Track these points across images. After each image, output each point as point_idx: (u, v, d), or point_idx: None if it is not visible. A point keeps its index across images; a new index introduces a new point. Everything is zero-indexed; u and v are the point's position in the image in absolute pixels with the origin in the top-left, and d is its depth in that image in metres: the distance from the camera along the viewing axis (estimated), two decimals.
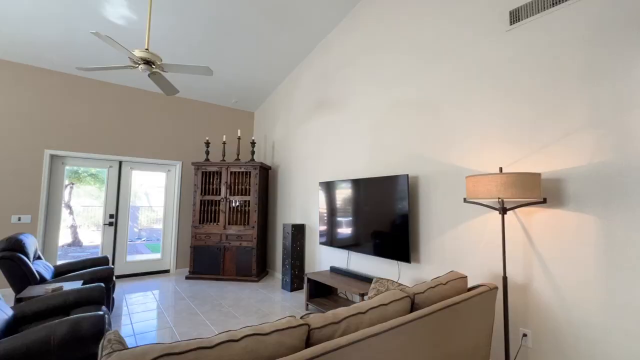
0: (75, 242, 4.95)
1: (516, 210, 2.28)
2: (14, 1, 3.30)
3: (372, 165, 3.55)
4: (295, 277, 4.41)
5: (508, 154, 2.36)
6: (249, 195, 5.08)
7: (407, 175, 2.92)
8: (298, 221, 4.78)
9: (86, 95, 4.77)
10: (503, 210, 2.11)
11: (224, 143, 5.38)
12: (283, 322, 1.24)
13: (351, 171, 3.85)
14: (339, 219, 3.76)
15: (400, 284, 2.44)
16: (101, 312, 1.88)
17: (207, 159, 5.25)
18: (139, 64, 2.70)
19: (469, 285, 2.56)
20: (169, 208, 5.49)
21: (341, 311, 1.44)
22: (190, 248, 5.04)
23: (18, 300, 2.45)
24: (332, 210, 3.88)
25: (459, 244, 2.64)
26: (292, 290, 4.35)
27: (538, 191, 1.99)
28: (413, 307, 1.70)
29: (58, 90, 4.56)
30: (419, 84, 3.07)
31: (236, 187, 5.16)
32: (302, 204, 4.73)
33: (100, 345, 1.37)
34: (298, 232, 4.49)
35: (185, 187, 5.56)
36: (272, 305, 3.83)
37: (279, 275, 5.11)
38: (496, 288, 2.02)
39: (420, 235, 2.96)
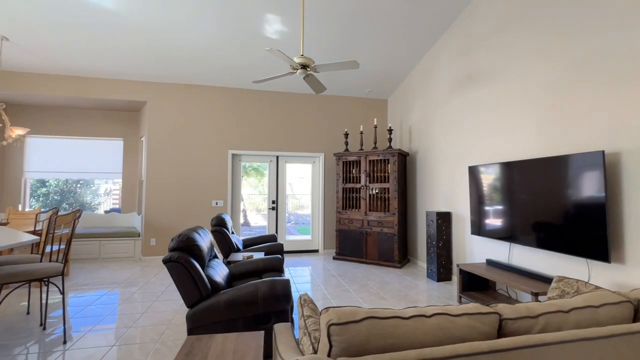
0: (245, 223, 6.20)
1: None
2: (196, 40, 4.33)
3: (539, 144, 2.97)
4: (442, 266, 4.20)
5: None
6: (388, 182, 5.12)
7: (603, 151, 2.29)
8: (442, 208, 4.51)
9: (252, 104, 5.84)
10: None
11: (361, 133, 5.58)
12: (470, 306, 1.20)
13: (508, 152, 3.34)
14: (495, 207, 3.33)
15: (597, 287, 1.97)
16: (287, 278, 2.29)
17: (346, 149, 5.58)
18: (297, 69, 3.09)
19: None
20: (315, 195, 6.15)
21: (534, 306, 1.28)
22: (336, 232, 5.51)
23: (227, 263, 3.27)
24: (486, 197, 3.47)
25: None
26: (438, 280, 4.17)
27: None
28: (637, 317, 1.34)
29: (234, 102, 5.76)
30: (633, 23, 2.34)
31: (375, 174, 5.29)
32: (447, 191, 4.42)
33: (298, 303, 1.66)
34: (443, 220, 4.24)
35: (328, 176, 6.10)
36: (419, 292, 3.78)
37: (422, 263, 4.99)
38: None
39: (624, 229, 2.30)
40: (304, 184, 6.24)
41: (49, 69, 4.94)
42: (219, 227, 3.52)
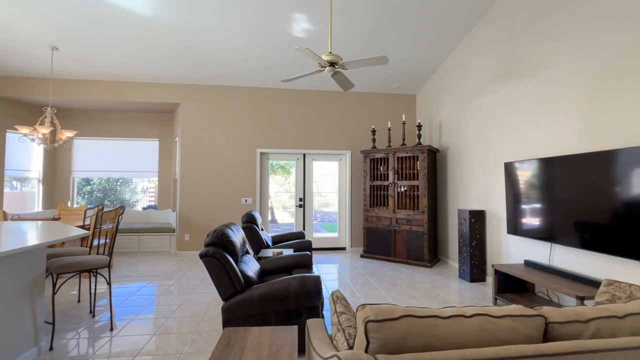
0: (273, 220, 6.31)
1: None
2: (225, 43, 4.44)
3: (583, 138, 2.77)
4: (475, 267, 4.05)
5: None
6: (417, 179, 5.00)
7: None
8: (475, 207, 4.34)
9: (279, 102, 5.92)
10: None
11: (389, 129, 5.49)
12: (512, 308, 1.15)
13: (548, 147, 3.14)
14: (534, 205, 3.16)
15: None
16: (317, 274, 2.31)
17: (374, 146, 5.52)
18: (325, 67, 3.09)
19: None
20: (342, 192, 6.14)
21: (584, 310, 1.20)
22: (363, 229, 5.48)
23: (257, 259, 3.35)
24: (524, 195, 3.30)
25: None
26: (471, 280, 4.03)
27: None
28: None
29: (262, 101, 5.87)
30: None
31: (403, 171, 5.19)
32: (480, 188, 4.25)
33: (330, 299, 1.67)
34: (476, 218, 4.08)
35: (355, 174, 6.06)
36: (450, 293, 3.67)
37: (453, 263, 4.84)
38: None
39: None
40: (329, 182, 6.25)
41: (93, 75, 5.30)
42: (249, 224, 3.62)
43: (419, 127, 5.16)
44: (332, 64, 3.04)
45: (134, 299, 3.39)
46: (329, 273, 4.51)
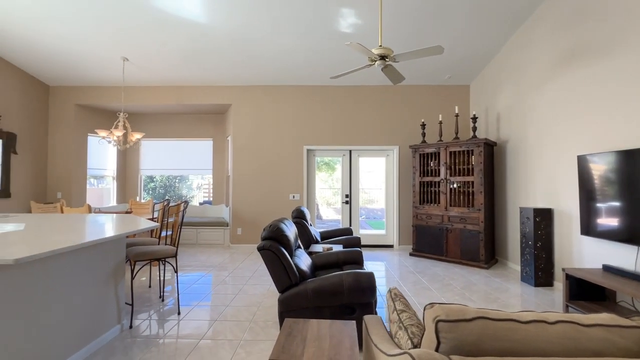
0: (318, 216, 6.37)
1: None
2: (273, 44, 4.54)
3: None
4: (540, 270, 3.71)
5: None
6: (472, 175, 4.71)
7: None
8: (540, 204, 3.97)
9: (325, 99, 5.94)
10: None
11: (440, 122, 5.23)
12: (604, 317, 1.03)
13: (629, 138, 2.75)
14: (614, 203, 2.80)
15: None
16: (371, 271, 2.28)
17: (423, 141, 5.30)
18: (376, 61, 3.02)
19: None
20: (389, 189, 6.01)
21: None
22: (412, 227, 5.31)
23: (308, 254, 3.41)
24: (601, 192, 2.94)
25: None
26: (536, 285, 3.70)
27: None
28: None
29: (308, 99, 5.95)
30: None
31: (456, 167, 4.91)
32: (546, 184, 3.88)
33: (388, 296, 1.64)
34: (542, 217, 3.73)
35: (402, 170, 5.89)
36: (511, 297, 3.41)
37: (513, 265, 4.49)
38: None
39: None
40: (373, 178, 6.15)
41: (156, 81, 5.79)
42: (299, 219, 3.70)
43: (474, 119, 4.84)
44: (382, 57, 2.97)
45: (195, 287, 3.66)
46: (377, 270, 4.45)
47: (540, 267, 3.72)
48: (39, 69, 5.41)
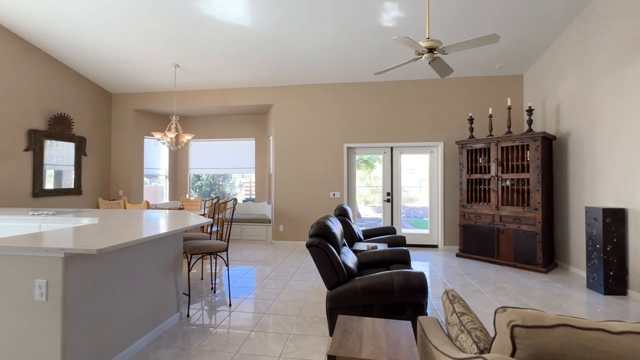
0: (356, 214, 6.31)
1: None
2: (313, 43, 4.54)
3: None
4: (611, 276, 3.34)
5: None
6: (527, 171, 4.37)
7: None
8: (610, 204, 3.57)
9: (366, 96, 5.87)
10: None
11: (490, 116, 4.92)
12: None
13: None
14: None
15: None
16: (421, 271, 2.21)
17: (471, 136, 5.02)
18: (423, 54, 2.91)
19: None
20: (433, 187, 5.78)
21: None
22: (460, 227, 5.06)
23: (353, 252, 3.40)
24: None
25: None
26: (606, 293, 3.34)
27: None
28: None
29: (348, 96, 5.91)
30: None
31: (508, 163, 4.59)
32: (619, 182, 3.47)
33: (445, 297, 1.58)
34: (613, 218, 3.35)
35: (448, 166, 5.63)
36: (577, 305, 3.11)
37: (576, 270, 4.10)
38: None
39: None
40: (412, 176, 5.95)
41: (203, 85, 6.11)
42: (342, 217, 3.70)
43: (530, 111, 4.48)
44: (431, 50, 2.86)
45: (243, 281, 3.81)
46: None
47: (610, 273, 3.35)
48: (104, 79, 5.98)
